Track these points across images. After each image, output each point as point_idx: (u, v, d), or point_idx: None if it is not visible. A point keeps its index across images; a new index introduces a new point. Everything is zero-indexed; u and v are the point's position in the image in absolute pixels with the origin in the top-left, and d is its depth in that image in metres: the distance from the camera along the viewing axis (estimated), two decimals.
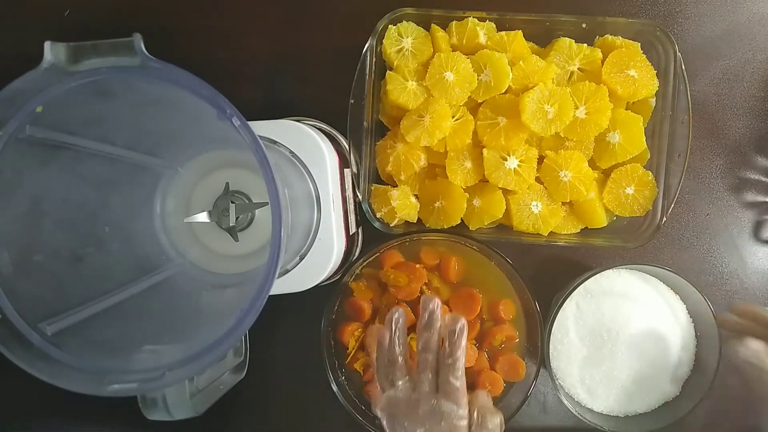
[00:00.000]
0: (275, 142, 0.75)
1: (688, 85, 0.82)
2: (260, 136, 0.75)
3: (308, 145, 0.76)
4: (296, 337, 0.88)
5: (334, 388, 0.84)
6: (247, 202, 0.74)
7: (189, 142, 0.77)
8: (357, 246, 0.92)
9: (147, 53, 0.54)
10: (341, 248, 0.79)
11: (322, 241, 0.76)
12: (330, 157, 0.77)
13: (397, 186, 0.88)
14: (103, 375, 0.59)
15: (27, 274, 0.63)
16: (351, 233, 0.85)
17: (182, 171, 0.78)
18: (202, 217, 0.70)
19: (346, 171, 0.85)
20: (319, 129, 0.86)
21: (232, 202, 0.72)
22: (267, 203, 0.58)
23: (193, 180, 0.78)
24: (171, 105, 0.62)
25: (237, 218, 0.72)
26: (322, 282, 0.79)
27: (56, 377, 0.58)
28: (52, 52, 0.54)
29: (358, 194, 0.86)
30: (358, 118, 0.85)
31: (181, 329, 0.69)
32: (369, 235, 0.91)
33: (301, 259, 0.76)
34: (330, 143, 0.80)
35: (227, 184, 0.73)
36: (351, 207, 0.87)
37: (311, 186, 0.76)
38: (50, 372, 0.59)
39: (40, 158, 0.62)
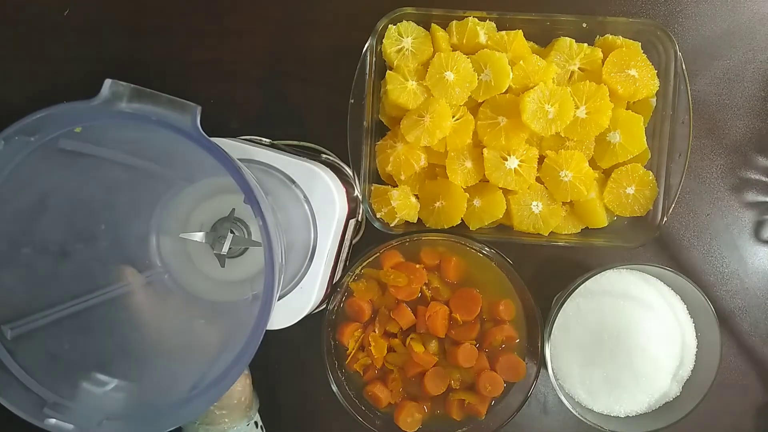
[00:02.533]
0: (293, 182, 0.75)
1: (688, 85, 0.82)
2: (280, 171, 0.75)
3: (323, 197, 0.76)
4: (296, 337, 0.88)
5: (334, 388, 0.84)
6: (246, 234, 0.74)
7: (206, 168, 0.76)
8: (340, 276, 0.91)
9: (200, 126, 0.54)
10: (319, 298, 0.79)
11: (303, 289, 0.76)
12: (340, 212, 0.77)
13: (397, 186, 0.88)
14: (44, 402, 0.58)
15: (10, 267, 0.63)
16: (335, 281, 0.84)
17: (193, 186, 0.78)
18: (198, 236, 0.70)
19: (351, 221, 0.85)
20: (329, 164, 0.86)
21: (232, 232, 0.71)
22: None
23: (201, 196, 0.77)
24: None
25: (230, 248, 0.71)
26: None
27: (1, 389, 0.57)
28: (111, 89, 0.55)
29: (356, 237, 0.87)
30: (358, 118, 0.85)
31: (136, 355, 0.68)
32: (369, 235, 0.91)
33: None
34: (343, 188, 0.80)
35: (233, 210, 0.73)
36: (344, 255, 0.86)
37: (312, 235, 0.76)
38: None
39: (61, 163, 0.62)
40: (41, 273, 0.66)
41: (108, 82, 0.55)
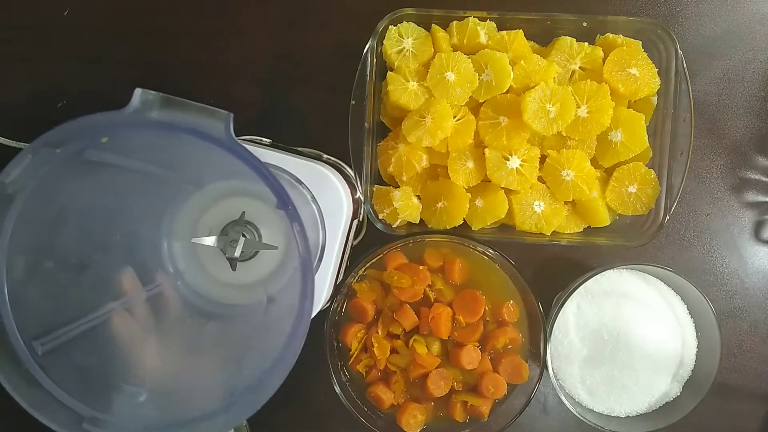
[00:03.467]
0: (301, 183, 0.75)
1: (690, 83, 0.82)
2: (286, 172, 0.75)
3: (330, 197, 0.76)
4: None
5: (337, 389, 0.84)
6: (256, 237, 0.73)
7: (216, 172, 0.76)
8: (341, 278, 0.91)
9: (233, 133, 0.54)
10: (327, 299, 0.79)
11: None
12: (347, 213, 0.77)
13: (399, 187, 0.88)
14: (82, 417, 0.58)
15: (35, 282, 0.61)
16: (337, 283, 0.84)
17: (201, 190, 0.77)
18: (210, 241, 0.69)
19: (354, 223, 0.84)
20: (332, 165, 0.86)
21: (244, 235, 0.71)
22: (276, 247, 0.57)
23: (209, 201, 0.77)
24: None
25: (241, 252, 0.71)
26: None
27: (37, 406, 0.56)
28: (141, 98, 0.54)
29: (356, 239, 0.87)
30: (359, 120, 0.85)
31: (161, 365, 0.68)
32: (371, 236, 0.91)
33: None
34: (348, 188, 0.80)
35: (243, 213, 0.73)
36: (346, 256, 0.86)
37: (320, 236, 0.76)
38: (32, 398, 0.56)
39: (82, 172, 0.61)
40: (63, 287, 0.65)
41: (138, 91, 0.53)
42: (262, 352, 0.56)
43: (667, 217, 0.84)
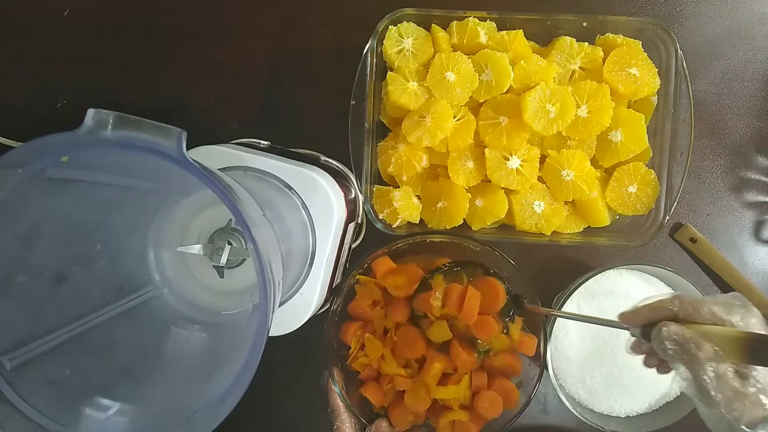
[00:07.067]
0: (291, 189, 0.75)
1: (690, 83, 0.82)
2: (276, 178, 0.75)
3: (321, 202, 0.76)
4: (298, 335, 0.88)
5: (336, 389, 0.84)
6: (243, 245, 0.73)
7: (195, 185, 0.76)
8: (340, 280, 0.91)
9: (185, 151, 0.53)
10: (320, 303, 0.79)
11: (303, 296, 0.76)
12: (338, 217, 0.77)
13: (399, 187, 0.88)
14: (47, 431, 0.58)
15: (6, 297, 0.61)
16: (334, 285, 0.84)
17: (189, 198, 0.77)
18: (196, 249, 0.70)
19: (351, 225, 0.84)
20: (331, 168, 0.86)
21: (230, 243, 0.71)
22: None
23: (197, 208, 0.77)
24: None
25: (228, 259, 0.71)
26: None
27: (1, 421, 0.56)
28: (94, 118, 0.54)
29: (356, 241, 0.88)
30: (359, 119, 0.85)
31: (137, 376, 0.68)
32: (372, 236, 0.91)
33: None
34: (341, 192, 0.80)
35: (230, 221, 0.73)
36: (343, 259, 0.86)
37: (311, 241, 0.76)
38: None
39: (52, 189, 0.61)
40: (39, 299, 0.65)
41: (91, 111, 0.53)
42: (233, 366, 0.56)
43: (667, 217, 0.84)
